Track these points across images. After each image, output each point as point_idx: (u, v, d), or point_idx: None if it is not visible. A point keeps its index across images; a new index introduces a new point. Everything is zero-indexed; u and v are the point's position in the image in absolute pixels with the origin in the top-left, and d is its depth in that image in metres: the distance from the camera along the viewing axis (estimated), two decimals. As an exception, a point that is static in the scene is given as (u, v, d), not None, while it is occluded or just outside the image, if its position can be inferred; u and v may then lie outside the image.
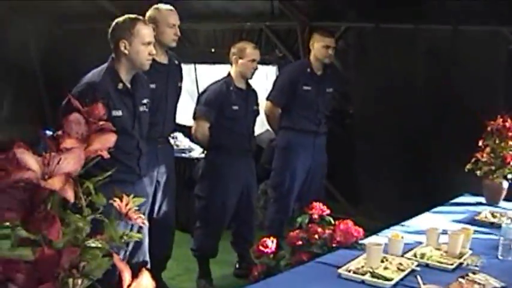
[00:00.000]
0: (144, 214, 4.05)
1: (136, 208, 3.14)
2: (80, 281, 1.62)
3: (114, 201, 1.73)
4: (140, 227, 4.02)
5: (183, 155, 6.83)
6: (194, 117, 5.13)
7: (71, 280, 1.58)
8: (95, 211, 1.67)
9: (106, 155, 1.61)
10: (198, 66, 8.24)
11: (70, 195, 1.43)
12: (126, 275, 1.54)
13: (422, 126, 6.14)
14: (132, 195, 1.89)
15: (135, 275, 1.57)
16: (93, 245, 1.60)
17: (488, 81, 5.85)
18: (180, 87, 4.84)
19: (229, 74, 5.16)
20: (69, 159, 1.46)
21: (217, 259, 5.30)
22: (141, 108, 3.91)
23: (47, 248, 1.50)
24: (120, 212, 1.72)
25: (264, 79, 6.56)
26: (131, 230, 3.48)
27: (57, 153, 1.48)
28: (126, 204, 1.71)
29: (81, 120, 1.57)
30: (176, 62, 4.76)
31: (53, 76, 8.88)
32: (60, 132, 1.61)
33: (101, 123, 1.62)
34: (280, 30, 7.24)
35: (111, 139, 1.61)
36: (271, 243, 3.43)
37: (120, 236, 1.68)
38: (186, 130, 5.67)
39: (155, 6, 4.59)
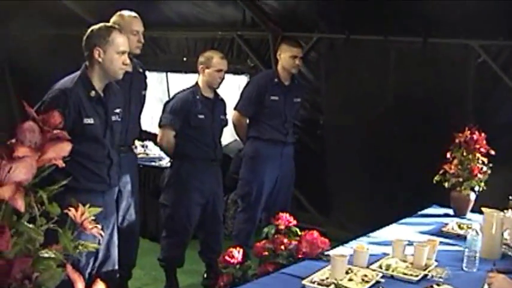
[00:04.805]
0: (112, 223, 4.04)
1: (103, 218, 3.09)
2: (32, 292, 1.59)
3: (69, 210, 1.69)
4: (110, 237, 4.01)
5: (153, 163, 6.79)
6: (160, 125, 5.11)
7: (23, 291, 1.55)
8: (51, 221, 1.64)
9: (61, 164, 1.58)
10: (170, 74, 8.22)
11: (20, 204, 1.40)
12: (80, 286, 1.51)
13: (392, 137, 6.16)
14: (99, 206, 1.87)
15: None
16: (46, 255, 1.57)
17: (457, 94, 5.90)
18: (144, 96, 4.80)
19: (196, 83, 5.12)
20: (21, 168, 1.43)
21: (185, 268, 5.27)
22: (114, 118, 3.88)
23: (-3, 258, 1.48)
24: (74, 221, 1.69)
25: (236, 89, 6.54)
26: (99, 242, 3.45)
27: (8, 162, 1.44)
28: (82, 214, 1.68)
29: (36, 129, 1.54)
30: (140, 70, 4.72)
31: (23, 82, 8.80)
32: (13, 140, 1.57)
33: (56, 131, 1.58)
34: (252, 39, 7.25)
35: (66, 148, 1.58)
36: (237, 253, 3.41)
37: (75, 246, 1.65)
38: (156, 139, 5.65)
39: (119, 13, 4.53)
